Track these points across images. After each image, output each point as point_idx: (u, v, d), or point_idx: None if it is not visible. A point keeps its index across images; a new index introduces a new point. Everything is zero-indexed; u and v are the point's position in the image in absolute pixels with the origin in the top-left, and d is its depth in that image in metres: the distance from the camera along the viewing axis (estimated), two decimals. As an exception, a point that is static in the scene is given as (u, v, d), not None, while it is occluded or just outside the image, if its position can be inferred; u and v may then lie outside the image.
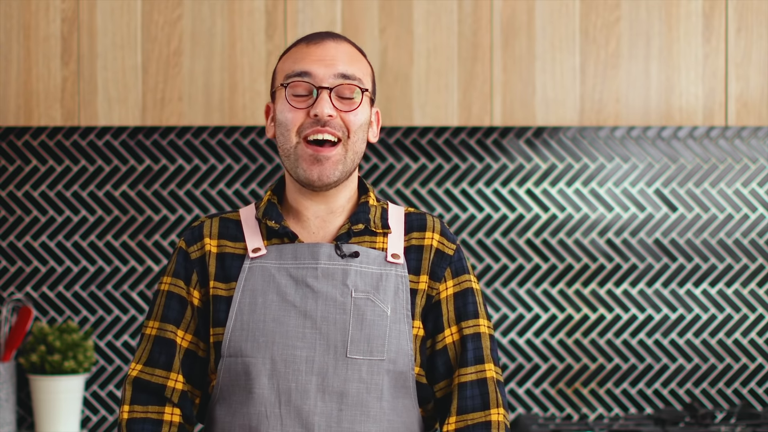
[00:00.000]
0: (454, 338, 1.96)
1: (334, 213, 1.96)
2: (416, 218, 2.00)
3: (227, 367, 1.89)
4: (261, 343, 1.87)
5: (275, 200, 1.97)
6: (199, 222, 2.00)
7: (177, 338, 1.94)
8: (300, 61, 1.92)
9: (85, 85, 3.02)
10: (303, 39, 1.96)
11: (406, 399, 1.92)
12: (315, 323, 1.88)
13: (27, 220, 3.28)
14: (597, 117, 3.02)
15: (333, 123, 1.89)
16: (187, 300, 1.95)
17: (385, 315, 1.90)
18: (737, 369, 3.28)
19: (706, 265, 3.28)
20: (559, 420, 3.19)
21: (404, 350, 1.90)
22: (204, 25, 3.02)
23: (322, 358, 1.87)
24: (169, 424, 1.92)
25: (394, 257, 1.93)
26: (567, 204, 3.28)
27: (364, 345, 1.88)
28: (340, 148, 1.90)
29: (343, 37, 1.97)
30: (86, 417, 3.28)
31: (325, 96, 1.89)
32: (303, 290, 1.89)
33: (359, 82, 1.92)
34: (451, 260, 1.97)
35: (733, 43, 3.03)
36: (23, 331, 3.16)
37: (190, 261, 1.95)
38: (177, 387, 1.93)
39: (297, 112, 1.91)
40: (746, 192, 3.28)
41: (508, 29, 3.02)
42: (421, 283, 1.94)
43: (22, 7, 3.03)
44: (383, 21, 3.01)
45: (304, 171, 1.90)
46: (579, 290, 3.28)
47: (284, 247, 1.92)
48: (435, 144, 3.28)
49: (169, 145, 3.28)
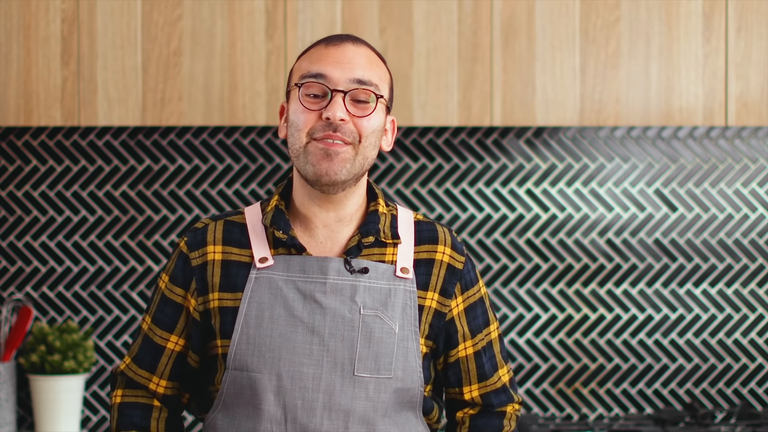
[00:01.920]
0: (467, 352, 1.96)
1: (343, 221, 1.92)
2: (426, 228, 1.97)
3: (232, 379, 1.88)
4: (267, 359, 1.85)
5: (283, 206, 1.93)
6: (203, 225, 1.96)
7: (168, 343, 1.94)
8: (317, 61, 1.88)
9: (85, 85, 3.02)
10: (323, 40, 1.92)
11: (410, 412, 1.92)
12: (322, 340, 1.86)
13: (27, 220, 3.28)
14: (597, 117, 3.02)
15: (344, 128, 1.85)
16: (183, 306, 1.94)
17: (393, 332, 1.88)
18: (737, 369, 3.28)
19: (706, 265, 3.28)
20: (559, 420, 3.20)
21: (412, 367, 1.89)
22: (204, 25, 3.02)
23: (329, 375, 1.85)
24: (159, 409, 1.97)
25: (403, 272, 1.91)
26: (567, 204, 3.28)
27: (371, 363, 1.86)
28: (349, 148, 1.86)
29: (363, 41, 1.93)
30: (86, 417, 3.28)
31: (338, 99, 1.85)
32: (311, 305, 1.87)
33: (375, 88, 1.88)
34: (462, 275, 1.95)
35: (733, 43, 3.03)
36: (23, 331, 3.16)
37: (189, 267, 1.93)
38: (158, 390, 1.96)
39: (309, 114, 1.86)
40: (746, 192, 3.28)
41: (508, 29, 3.02)
42: (429, 300, 1.93)
43: (22, 7, 3.03)
44: (383, 21, 3.01)
45: (313, 166, 1.85)
46: (579, 290, 3.28)
47: (292, 259, 1.89)
48: (435, 144, 3.28)
49: (169, 145, 3.28)
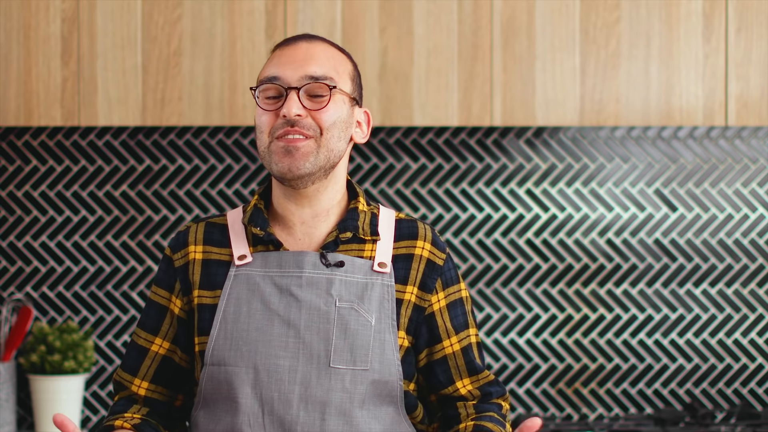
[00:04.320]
0: (454, 348, 1.96)
1: (319, 217, 1.94)
2: (407, 225, 1.98)
3: (210, 375, 1.89)
4: (244, 353, 1.87)
5: (262, 205, 1.96)
6: (185, 228, 2.00)
7: (153, 346, 1.97)
8: (272, 65, 1.92)
9: (85, 85, 3.02)
10: (280, 43, 1.97)
11: (390, 407, 1.92)
12: (298, 332, 1.87)
13: (27, 220, 3.28)
14: (597, 117, 3.02)
15: (303, 123, 1.88)
16: (166, 308, 1.96)
17: (369, 325, 1.89)
18: (737, 369, 3.28)
19: (706, 265, 3.28)
20: (559, 420, 3.20)
21: (389, 359, 1.89)
22: (204, 25, 3.02)
23: (305, 367, 1.86)
24: (142, 403, 1.99)
25: (380, 266, 1.92)
26: (567, 204, 3.28)
27: (347, 355, 1.87)
28: (311, 142, 1.89)
29: (319, 37, 1.96)
30: (86, 417, 3.28)
31: (292, 96, 1.88)
32: (287, 299, 1.88)
33: (330, 81, 1.90)
34: (442, 271, 1.97)
35: (733, 43, 3.03)
36: (23, 331, 3.16)
37: (173, 268, 1.96)
38: (140, 393, 1.97)
39: (268, 114, 1.90)
40: (746, 192, 3.28)
41: (508, 29, 3.02)
42: (408, 294, 1.94)
43: (22, 7, 3.03)
44: (383, 21, 3.01)
45: (277, 164, 1.89)
46: (579, 290, 3.28)
47: (269, 255, 1.91)
48: (435, 144, 3.28)
49: (169, 145, 3.28)
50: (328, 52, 1.94)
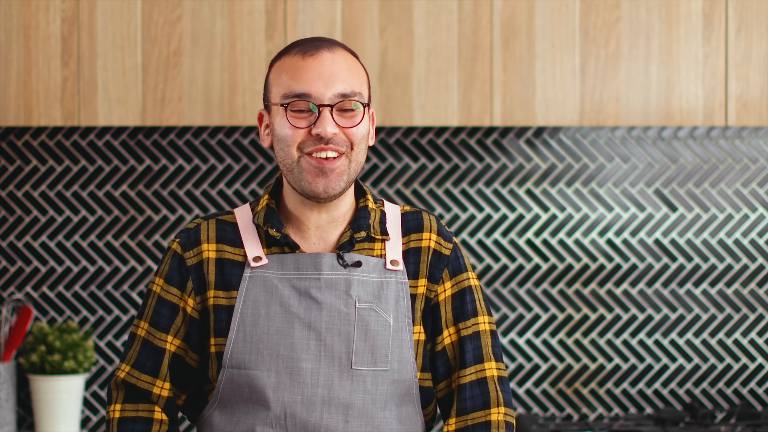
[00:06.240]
0: (452, 339, 1.96)
1: (336, 222, 1.94)
2: (413, 218, 1.98)
3: (229, 377, 1.88)
4: (265, 356, 1.86)
5: (273, 205, 1.94)
6: (195, 225, 1.97)
7: (166, 344, 1.94)
8: (297, 78, 1.88)
9: (85, 85, 3.02)
10: (297, 48, 1.91)
11: (409, 407, 1.92)
12: (319, 335, 1.87)
13: (27, 220, 3.28)
14: (597, 117, 3.02)
15: (336, 140, 1.87)
16: (179, 307, 1.93)
17: (388, 324, 1.89)
18: (737, 369, 3.28)
19: (706, 265, 3.28)
20: (559, 420, 3.20)
21: (406, 358, 1.90)
22: (204, 25, 3.02)
23: (327, 369, 1.86)
24: (160, 422, 1.94)
25: (393, 264, 1.92)
26: (567, 204, 3.28)
27: (368, 356, 1.87)
28: (344, 159, 1.88)
29: (337, 43, 1.93)
30: (86, 417, 3.28)
31: (326, 115, 1.86)
32: (307, 301, 1.88)
33: (360, 97, 1.89)
34: (449, 260, 1.96)
35: (733, 43, 3.03)
36: (23, 331, 3.16)
37: (185, 267, 1.93)
38: (162, 394, 1.94)
39: (298, 131, 1.88)
40: (746, 192, 3.28)
41: (508, 29, 3.02)
42: (420, 287, 1.94)
43: (22, 7, 3.03)
44: (383, 21, 3.01)
45: (309, 184, 1.87)
46: (579, 290, 3.28)
47: (286, 257, 1.90)
48: (435, 144, 3.28)
49: (169, 145, 3.28)
50: (349, 62, 1.91)
